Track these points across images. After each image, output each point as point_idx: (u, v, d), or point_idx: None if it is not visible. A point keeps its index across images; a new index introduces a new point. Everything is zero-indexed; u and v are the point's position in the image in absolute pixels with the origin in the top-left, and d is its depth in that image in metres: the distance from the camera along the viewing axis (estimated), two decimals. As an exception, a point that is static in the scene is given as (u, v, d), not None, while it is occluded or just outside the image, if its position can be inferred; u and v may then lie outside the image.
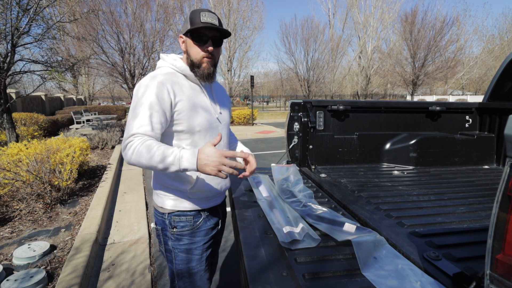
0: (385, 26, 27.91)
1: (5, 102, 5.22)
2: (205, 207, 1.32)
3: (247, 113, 15.57)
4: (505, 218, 0.59)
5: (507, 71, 2.44)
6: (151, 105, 1.11)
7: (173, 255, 1.30)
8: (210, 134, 1.27)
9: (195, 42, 1.20)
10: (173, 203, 1.27)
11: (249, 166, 1.23)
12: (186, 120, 1.20)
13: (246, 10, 24.06)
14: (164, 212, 1.29)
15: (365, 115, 2.47)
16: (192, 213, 1.29)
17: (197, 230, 1.30)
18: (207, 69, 1.23)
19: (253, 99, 27.39)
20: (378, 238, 1.05)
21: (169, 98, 1.15)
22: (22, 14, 4.92)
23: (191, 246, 1.29)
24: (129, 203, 4.05)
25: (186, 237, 1.29)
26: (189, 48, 1.23)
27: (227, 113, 1.42)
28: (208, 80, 1.25)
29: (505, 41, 34.69)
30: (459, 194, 1.63)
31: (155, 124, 1.12)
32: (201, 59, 1.22)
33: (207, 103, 1.28)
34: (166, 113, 1.15)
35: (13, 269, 2.38)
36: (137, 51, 15.01)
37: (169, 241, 1.29)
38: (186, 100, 1.20)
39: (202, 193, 1.29)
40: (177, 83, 1.21)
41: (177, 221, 1.27)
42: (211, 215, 1.36)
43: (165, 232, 1.30)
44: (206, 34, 1.20)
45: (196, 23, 1.17)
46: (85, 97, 25.02)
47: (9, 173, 3.38)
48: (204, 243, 1.32)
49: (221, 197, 1.43)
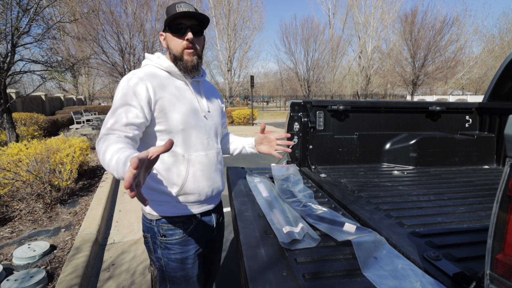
0: (385, 26, 27.93)
1: (5, 102, 5.22)
2: (196, 212, 1.25)
3: (247, 113, 15.56)
4: (505, 218, 0.59)
5: (507, 71, 2.44)
6: (127, 101, 1.07)
7: (163, 263, 1.22)
8: (196, 133, 1.21)
9: (173, 34, 1.16)
10: (161, 208, 1.19)
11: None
12: (167, 119, 1.14)
13: (246, 10, 24.08)
14: (152, 219, 1.21)
15: (365, 115, 2.47)
16: (182, 220, 1.21)
17: (188, 238, 1.22)
18: (190, 61, 1.17)
19: (253, 99, 27.39)
20: (378, 238, 1.05)
21: (147, 95, 1.10)
22: (22, 14, 4.92)
23: (182, 255, 1.21)
24: (129, 203, 4.05)
25: (176, 246, 1.20)
26: (169, 42, 1.18)
27: (217, 111, 1.35)
28: (192, 72, 1.20)
29: (505, 41, 34.69)
30: (459, 194, 1.63)
31: (132, 119, 1.06)
32: (182, 51, 1.16)
33: (193, 100, 1.22)
34: (144, 109, 1.09)
35: (13, 269, 2.37)
36: (137, 51, 15.03)
37: (159, 250, 1.21)
38: (168, 98, 1.15)
39: (192, 196, 1.21)
40: (159, 81, 1.16)
41: (166, 228, 1.19)
42: (203, 221, 1.28)
43: (154, 240, 1.22)
44: (183, 23, 1.15)
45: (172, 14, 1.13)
46: (85, 97, 25.03)
47: (9, 173, 3.38)
48: (196, 251, 1.25)
49: (214, 201, 1.34)
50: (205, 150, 1.23)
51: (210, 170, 1.25)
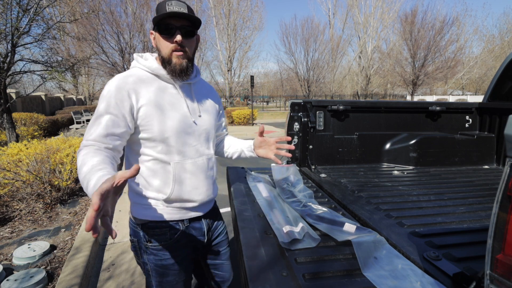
0: (385, 26, 27.91)
1: (5, 102, 5.22)
2: (184, 218, 1.19)
3: (247, 113, 15.57)
4: (505, 218, 0.59)
5: (507, 71, 2.44)
6: (108, 110, 1.03)
7: (149, 268, 1.18)
8: (184, 140, 1.14)
9: (162, 35, 1.08)
10: (146, 212, 1.14)
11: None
12: (151, 126, 1.08)
13: (246, 10, 24.06)
14: (137, 223, 1.16)
15: (365, 115, 2.48)
16: (168, 225, 1.16)
17: (175, 244, 1.17)
18: (178, 64, 1.09)
19: (253, 99, 27.38)
20: (378, 238, 1.06)
21: (129, 103, 1.05)
22: (22, 14, 4.92)
23: (168, 261, 1.17)
24: (129, 203, 4.05)
25: (162, 251, 1.16)
26: (158, 43, 1.11)
27: (211, 114, 1.27)
28: (181, 77, 1.12)
29: (505, 41, 34.69)
30: (459, 194, 1.63)
31: (112, 129, 1.02)
32: (170, 54, 1.09)
33: (182, 105, 1.15)
34: (126, 117, 1.05)
35: (13, 269, 2.37)
36: (137, 51, 15.03)
37: (145, 255, 1.17)
38: (152, 104, 1.08)
39: (179, 203, 1.16)
40: (144, 86, 1.09)
41: (151, 233, 1.15)
42: (192, 226, 1.23)
43: (140, 245, 1.17)
44: (173, 24, 1.07)
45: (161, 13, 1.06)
46: (85, 97, 25.03)
47: (9, 173, 3.38)
48: (184, 257, 1.20)
49: (204, 208, 1.27)
50: (193, 157, 1.17)
51: (199, 178, 1.19)
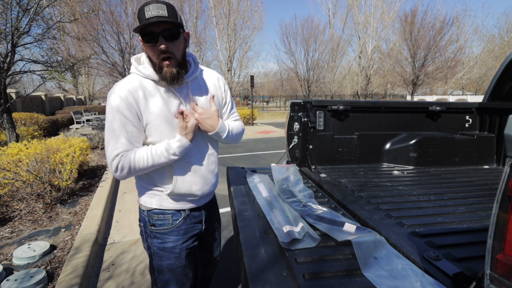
0: (385, 26, 27.90)
1: (5, 102, 5.22)
2: (185, 208, 1.30)
3: (247, 113, 15.57)
4: (505, 218, 0.59)
5: (507, 71, 2.44)
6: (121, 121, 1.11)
7: (152, 251, 1.30)
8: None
9: (146, 43, 1.09)
10: (152, 200, 1.26)
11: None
12: (155, 132, 1.17)
13: (246, 10, 24.02)
14: (144, 209, 1.29)
15: (365, 115, 2.47)
16: (171, 212, 1.27)
17: (176, 230, 1.28)
18: (169, 72, 1.11)
19: (253, 99, 27.39)
20: (378, 238, 1.06)
21: (134, 111, 1.12)
22: (22, 14, 4.92)
23: (169, 244, 1.27)
24: (129, 203, 4.05)
25: (164, 235, 1.27)
26: (146, 51, 1.14)
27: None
28: (173, 84, 1.14)
29: (505, 41, 34.68)
30: (459, 194, 1.63)
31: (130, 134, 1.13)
32: (159, 61, 1.11)
33: (179, 106, 1.20)
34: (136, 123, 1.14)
35: (13, 269, 2.37)
36: (137, 51, 15.01)
37: (149, 238, 1.29)
38: (154, 111, 1.14)
39: (181, 195, 1.26)
40: (143, 94, 1.14)
41: (155, 219, 1.27)
42: (192, 215, 1.33)
43: (145, 229, 1.30)
44: (154, 31, 1.06)
45: (141, 22, 1.05)
46: (85, 97, 25.03)
47: (9, 173, 3.38)
48: (184, 242, 1.30)
49: (204, 200, 1.38)
50: (194, 154, 1.25)
51: (200, 174, 1.28)
